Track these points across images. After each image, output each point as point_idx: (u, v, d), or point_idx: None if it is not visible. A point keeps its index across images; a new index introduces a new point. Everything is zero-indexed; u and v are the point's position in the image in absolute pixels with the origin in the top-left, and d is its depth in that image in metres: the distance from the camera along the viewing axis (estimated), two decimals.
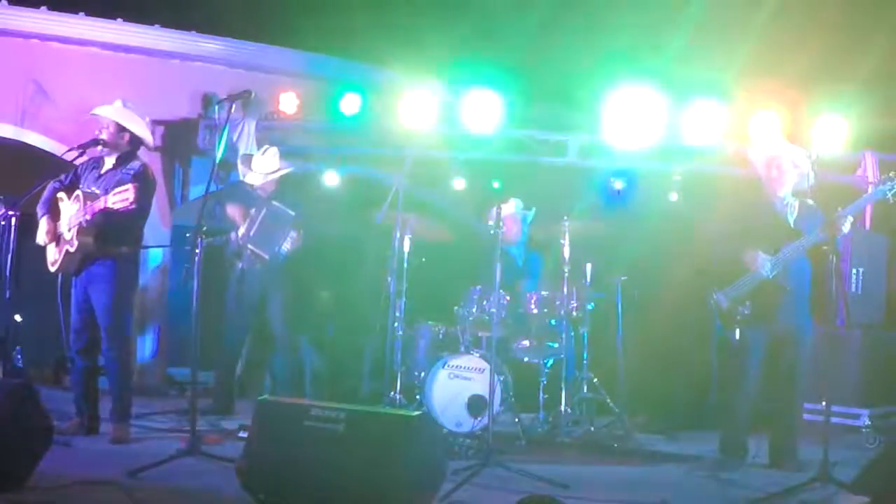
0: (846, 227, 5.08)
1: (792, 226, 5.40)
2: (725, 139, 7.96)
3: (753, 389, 5.48)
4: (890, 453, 4.49)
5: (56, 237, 5.60)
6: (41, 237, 5.63)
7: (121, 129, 5.65)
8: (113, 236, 5.46)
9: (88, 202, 5.34)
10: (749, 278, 5.34)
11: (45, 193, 5.67)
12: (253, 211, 6.67)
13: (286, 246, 6.64)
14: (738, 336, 5.35)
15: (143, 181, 5.51)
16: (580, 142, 8.43)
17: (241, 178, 7.06)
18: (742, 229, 5.46)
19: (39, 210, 5.66)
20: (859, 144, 7.97)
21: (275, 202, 6.70)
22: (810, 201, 5.48)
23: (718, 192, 6.75)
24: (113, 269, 5.53)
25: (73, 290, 5.66)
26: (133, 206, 5.09)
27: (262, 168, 6.85)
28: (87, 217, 5.28)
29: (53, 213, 5.62)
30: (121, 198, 5.10)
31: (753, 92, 7.95)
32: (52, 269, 5.64)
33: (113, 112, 5.65)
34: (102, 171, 5.64)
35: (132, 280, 5.73)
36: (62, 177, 5.72)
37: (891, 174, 5.10)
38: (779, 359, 5.46)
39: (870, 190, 5.39)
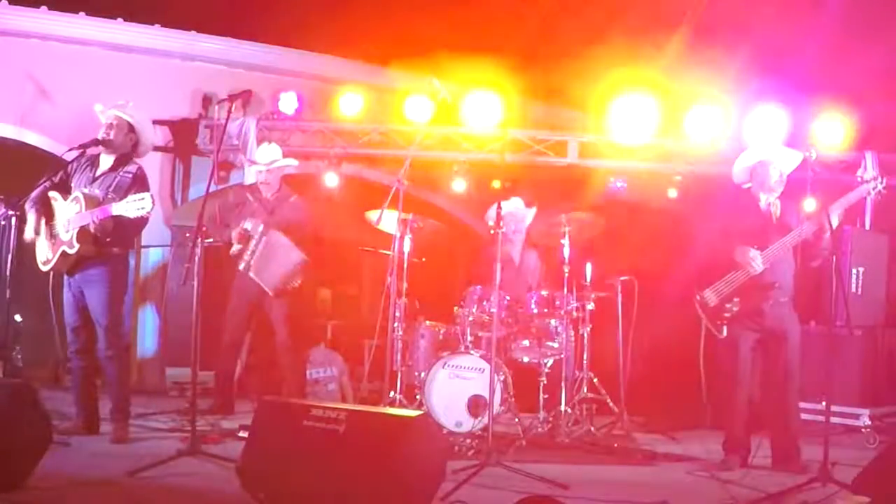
0: (835, 220, 5.13)
1: (775, 225, 5.44)
2: (725, 140, 7.97)
3: (750, 388, 5.49)
4: (890, 453, 4.49)
5: (47, 233, 5.57)
6: (29, 232, 5.59)
7: (130, 130, 5.64)
8: (113, 239, 5.45)
9: (93, 206, 5.32)
10: (737, 275, 5.36)
11: (36, 192, 5.63)
12: (249, 229, 6.61)
13: (291, 286, 6.61)
14: (724, 333, 5.37)
15: (144, 184, 5.51)
16: (580, 142, 8.43)
17: (246, 180, 7.06)
18: (730, 229, 5.48)
19: (28, 206, 5.61)
20: (859, 144, 7.97)
21: (274, 231, 6.59)
22: (795, 201, 5.52)
23: (717, 193, 6.75)
24: (106, 269, 5.53)
25: (65, 289, 5.64)
26: (149, 215, 5.10)
27: (262, 158, 6.85)
28: (96, 221, 5.27)
29: (44, 210, 5.60)
30: (137, 206, 5.09)
31: (753, 92, 7.96)
32: (44, 267, 5.61)
33: (130, 114, 5.65)
34: (98, 173, 5.61)
35: (125, 279, 5.72)
36: (53, 176, 5.66)
37: (874, 172, 5.19)
38: (770, 357, 5.48)
39: (860, 186, 5.49)
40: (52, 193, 5.61)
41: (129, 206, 5.11)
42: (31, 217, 5.59)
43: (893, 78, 7.81)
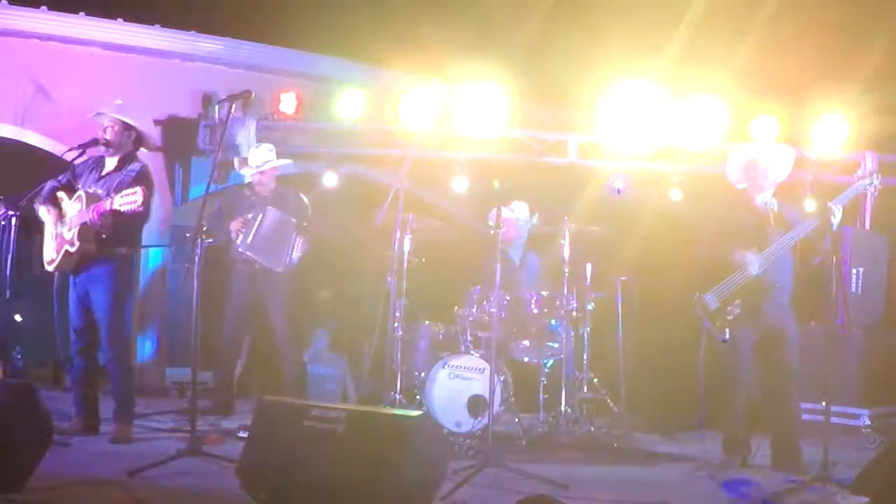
0: (836, 218, 5.12)
1: (773, 224, 5.44)
2: (725, 139, 7.97)
3: (749, 388, 5.49)
4: (890, 453, 4.48)
5: (53, 232, 5.57)
6: (47, 222, 5.59)
7: (126, 128, 5.63)
8: (115, 238, 5.44)
9: (93, 203, 5.32)
10: (737, 277, 5.36)
11: (44, 192, 5.64)
12: (250, 216, 6.62)
13: (296, 254, 6.61)
14: (727, 336, 5.36)
15: (147, 182, 5.50)
16: (580, 142, 8.43)
17: (244, 180, 7.05)
18: (728, 230, 5.48)
19: (38, 203, 5.62)
20: (859, 144, 7.97)
21: (271, 207, 6.65)
22: (793, 200, 5.53)
23: (717, 193, 6.77)
24: (112, 269, 5.52)
25: (70, 289, 5.64)
26: (141, 209, 5.09)
27: (254, 161, 6.84)
28: (93, 218, 5.26)
29: (53, 206, 5.60)
30: (129, 200, 5.08)
31: (753, 92, 7.96)
32: (49, 267, 5.61)
33: (120, 111, 5.64)
34: (104, 173, 5.61)
35: (130, 280, 5.71)
36: (60, 177, 5.68)
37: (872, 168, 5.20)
38: (770, 356, 5.48)
39: (856, 182, 5.50)
40: (59, 193, 5.62)
41: (122, 200, 5.10)
42: (42, 211, 5.60)
43: (893, 78, 7.82)
